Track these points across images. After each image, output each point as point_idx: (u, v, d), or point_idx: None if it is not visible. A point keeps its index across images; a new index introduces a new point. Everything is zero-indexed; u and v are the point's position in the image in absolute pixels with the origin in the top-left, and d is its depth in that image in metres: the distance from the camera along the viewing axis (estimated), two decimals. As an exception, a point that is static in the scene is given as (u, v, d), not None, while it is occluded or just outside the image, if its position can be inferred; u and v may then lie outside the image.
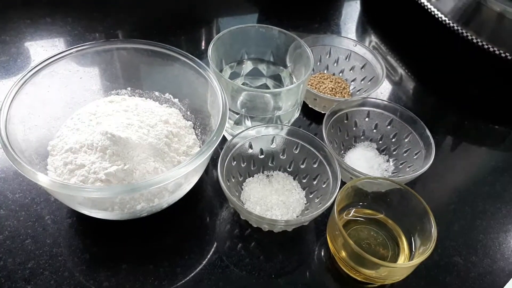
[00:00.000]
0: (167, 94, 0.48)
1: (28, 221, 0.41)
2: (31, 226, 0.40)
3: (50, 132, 0.43)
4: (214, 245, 0.41)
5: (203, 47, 0.69)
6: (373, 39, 0.76)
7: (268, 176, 0.46)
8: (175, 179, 0.35)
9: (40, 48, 0.61)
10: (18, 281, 0.37)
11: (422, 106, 0.63)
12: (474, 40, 0.64)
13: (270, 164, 0.46)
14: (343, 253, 0.38)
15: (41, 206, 0.42)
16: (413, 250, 0.39)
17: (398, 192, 0.40)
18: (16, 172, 0.33)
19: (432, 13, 0.68)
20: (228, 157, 0.42)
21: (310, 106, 0.55)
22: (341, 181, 0.40)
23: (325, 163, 0.42)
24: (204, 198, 0.45)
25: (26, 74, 0.40)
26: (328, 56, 0.58)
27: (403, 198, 0.40)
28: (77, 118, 0.44)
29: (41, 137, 0.42)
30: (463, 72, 0.70)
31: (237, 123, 0.48)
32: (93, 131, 0.41)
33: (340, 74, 0.58)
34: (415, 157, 0.46)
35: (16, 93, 0.39)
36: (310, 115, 0.55)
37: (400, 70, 0.69)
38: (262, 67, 0.53)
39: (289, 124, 0.49)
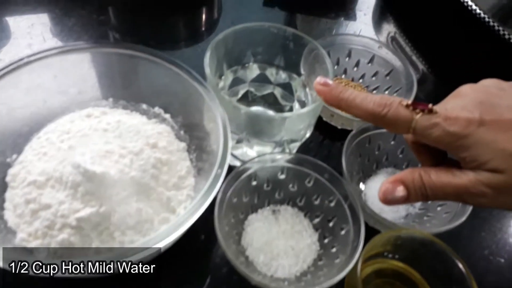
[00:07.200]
0: (156, 108, 0.40)
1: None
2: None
3: (11, 155, 0.35)
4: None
5: (203, 28, 0.61)
6: (392, 28, 0.67)
7: (274, 211, 0.39)
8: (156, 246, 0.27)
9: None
10: None
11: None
12: (512, 40, 0.55)
13: (277, 197, 0.39)
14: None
15: None
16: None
17: (430, 245, 0.34)
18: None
19: (465, 3, 0.59)
20: (227, 199, 0.34)
21: (324, 119, 0.47)
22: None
23: (345, 205, 0.35)
24: (194, 242, 0.38)
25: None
26: (347, 58, 0.50)
27: (438, 254, 0.33)
28: (45, 138, 0.36)
29: (-1, 162, 0.35)
30: (495, 75, 0.61)
31: (239, 141, 0.40)
32: (63, 158, 0.33)
33: (361, 81, 0.50)
34: (448, 194, 0.39)
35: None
36: (324, 129, 0.47)
37: (421, 66, 0.61)
38: (271, 72, 0.44)
39: (300, 141, 0.41)
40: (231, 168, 0.36)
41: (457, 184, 0.26)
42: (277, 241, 0.36)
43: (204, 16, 0.64)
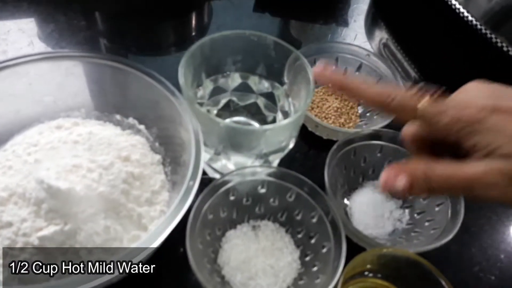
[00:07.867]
0: (130, 119, 0.38)
1: None
2: None
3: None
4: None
5: (193, 34, 0.60)
6: (384, 35, 0.66)
7: (254, 227, 0.37)
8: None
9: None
10: None
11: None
12: (504, 48, 0.54)
13: (257, 212, 0.37)
14: None
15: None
16: None
17: (415, 264, 0.32)
18: None
19: (457, 10, 0.58)
20: (202, 215, 0.32)
21: (310, 129, 0.45)
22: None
23: (327, 221, 0.33)
24: (171, 256, 0.36)
25: None
26: (334, 66, 0.48)
27: (422, 273, 0.32)
28: (11, 151, 0.34)
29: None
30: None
31: (218, 153, 0.38)
32: (29, 173, 0.32)
33: (347, 89, 0.49)
34: (437, 209, 0.37)
35: None
36: (309, 140, 0.46)
37: (413, 73, 0.60)
38: (253, 82, 0.43)
39: (283, 152, 0.39)
40: (210, 181, 0.34)
41: (465, 173, 0.24)
42: (256, 259, 0.34)
43: (193, 22, 0.63)
